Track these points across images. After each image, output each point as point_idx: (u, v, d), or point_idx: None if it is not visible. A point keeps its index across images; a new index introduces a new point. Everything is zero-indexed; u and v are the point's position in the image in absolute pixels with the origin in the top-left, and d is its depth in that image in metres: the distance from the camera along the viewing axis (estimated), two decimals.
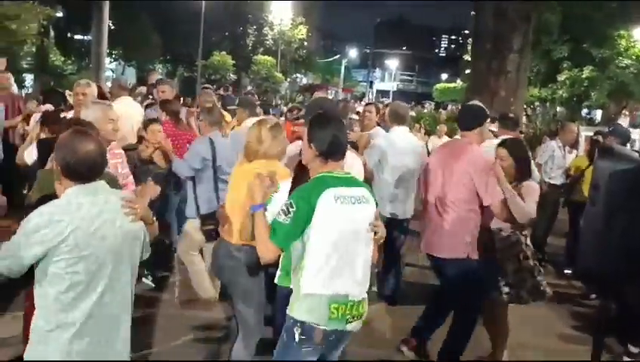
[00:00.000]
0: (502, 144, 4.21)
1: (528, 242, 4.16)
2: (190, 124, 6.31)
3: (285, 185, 3.03)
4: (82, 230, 2.21)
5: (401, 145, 5.35)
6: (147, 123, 5.56)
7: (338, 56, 59.56)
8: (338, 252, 2.67)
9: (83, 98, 4.96)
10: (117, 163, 3.97)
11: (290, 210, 2.64)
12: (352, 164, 3.60)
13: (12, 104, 7.13)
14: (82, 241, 2.20)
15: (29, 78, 25.11)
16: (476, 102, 4.34)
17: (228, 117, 6.87)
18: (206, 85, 12.63)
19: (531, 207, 3.94)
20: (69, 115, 4.93)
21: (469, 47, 21.54)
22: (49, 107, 5.91)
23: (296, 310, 2.69)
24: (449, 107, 29.00)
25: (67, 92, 5.54)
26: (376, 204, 2.89)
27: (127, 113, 5.61)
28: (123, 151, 4.23)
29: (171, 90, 6.55)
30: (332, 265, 2.66)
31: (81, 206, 2.24)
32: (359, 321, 2.79)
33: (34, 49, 23.46)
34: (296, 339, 2.67)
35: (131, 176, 4.21)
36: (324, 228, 2.65)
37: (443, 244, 4.10)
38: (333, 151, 2.77)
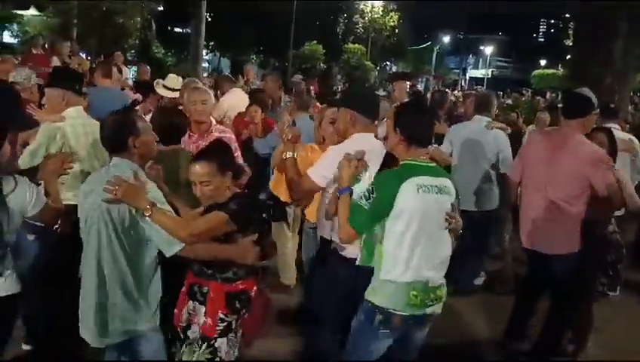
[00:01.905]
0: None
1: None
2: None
3: (372, 168, 2.98)
4: None
5: (470, 135, 5.25)
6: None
7: (430, 42, 58.28)
8: (418, 240, 2.67)
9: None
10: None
11: (371, 195, 2.68)
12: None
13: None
14: None
15: (132, 70, 26.64)
16: (586, 89, 4.01)
17: None
18: (296, 75, 12.98)
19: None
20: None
21: (571, 32, 20.36)
22: (138, 97, 6.22)
23: (376, 295, 2.72)
24: (547, 95, 27.66)
25: (156, 82, 5.79)
26: (458, 196, 2.85)
27: (238, 104, 6.39)
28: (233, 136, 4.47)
29: (276, 81, 7.23)
30: (412, 253, 2.67)
31: None
32: (439, 304, 2.79)
33: (138, 42, 24.86)
34: (375, 323, 2.72)
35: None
36: (405, 216, 2.65)
37: (555, 241, 3.88)
38: (417, 138, 2.76)
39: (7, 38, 20.54)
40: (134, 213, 2.56)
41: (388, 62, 47.69)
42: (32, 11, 22.13)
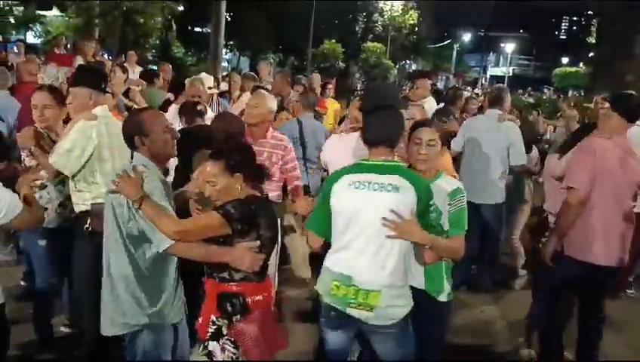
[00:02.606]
0: None
1: None
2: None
3: None
4: None
5: (481, 128, 5.23)
6: None
7: (450, 40, 57.90)
8: (349, 234, 2.70)
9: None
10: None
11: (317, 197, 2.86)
12: None
13: None
14: None
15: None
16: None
17: None
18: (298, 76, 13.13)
19: None
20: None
21: (593, 30, 20.08)
22: (170, 96, 6.29)
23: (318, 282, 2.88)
24: (570, 93, 27.29)
25: (187, 80, 5.90)
26: (423, 197, 2.68)
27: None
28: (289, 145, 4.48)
29: (285, 78, 7.27)
30: (341, 245, 2.73)
31: None
32: (368, 312, 2.66)
33: (158, 42, 25.08)
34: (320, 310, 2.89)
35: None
36: (335, 210, 2.74)
37: (625, 253, 3.66)
38: (372, 140, 2.77)
39: (31, 38, 20.88)
40: (130, 206, 2.60)
41: (407, 61, 47.46)
42: (54, 12, 22.48)
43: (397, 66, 42.19)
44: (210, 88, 6.03)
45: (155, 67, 13.56)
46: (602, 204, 3.57)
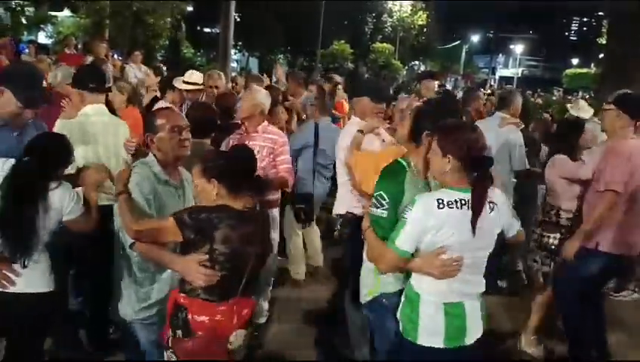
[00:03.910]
0: None
1: None
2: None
3: None
4: None
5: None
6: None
7: (459, 41, 57.70)
8: None
9: (214, 90, 5.60)
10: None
11: None
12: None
13: None
14: None
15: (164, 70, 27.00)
16: None
17: None
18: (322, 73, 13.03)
19: None
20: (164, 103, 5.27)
21: (604, 30, 19.95)
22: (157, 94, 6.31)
23: None
24: (579, 94, 27.14)
25: (175, 79, 5.86)
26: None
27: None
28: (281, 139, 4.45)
29: (298, 79, 7.13)
30: None
31: None
32: None
33: (167, 42, 25.17)
34: None
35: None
36: None
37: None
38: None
39: (42, 38, 21.03)
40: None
41: (416, 62, 47.37)
42: (65, 12, 22.64)
43: (406, 67, 42.11)
44: (194, 84, 5.83)
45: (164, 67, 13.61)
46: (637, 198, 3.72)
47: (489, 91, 19.27)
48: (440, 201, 2.33)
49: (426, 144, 2.56)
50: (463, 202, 2.34)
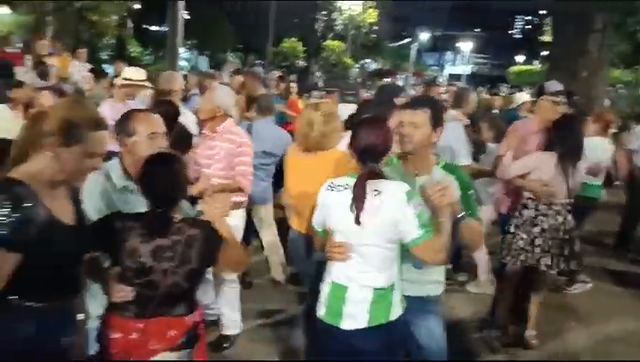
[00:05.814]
0: None
1: None
2: None
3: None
4: None
5: None
6: None
7: (409, 39, 58.45)
8: None
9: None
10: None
11: None
12: None
13: None
14: None
15: (109, 69, 26.28)
16: None
17: None
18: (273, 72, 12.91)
19: None
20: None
21: (547, 28, 20.55)
22: None
23: None
24: (525, 90, 27.88)
25: (116, 79, 5.61)
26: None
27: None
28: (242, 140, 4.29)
29: (256, 79, 6.90)
30: None
31: None
32: None
33: (113, 40, 24.51)
34: None
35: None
36: None
37: None
38: None
39: None
40: None
41: (368, 60, 47.72)
42: (4, 10, 21.68)
43: (357, 65, 42.35)
44: (132, 80, 5.61)
45: (110, 66, 13.21)
46: None
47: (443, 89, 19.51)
48: (331, 184, 2.61)
49: None
50: (347, 186, 2.52)
